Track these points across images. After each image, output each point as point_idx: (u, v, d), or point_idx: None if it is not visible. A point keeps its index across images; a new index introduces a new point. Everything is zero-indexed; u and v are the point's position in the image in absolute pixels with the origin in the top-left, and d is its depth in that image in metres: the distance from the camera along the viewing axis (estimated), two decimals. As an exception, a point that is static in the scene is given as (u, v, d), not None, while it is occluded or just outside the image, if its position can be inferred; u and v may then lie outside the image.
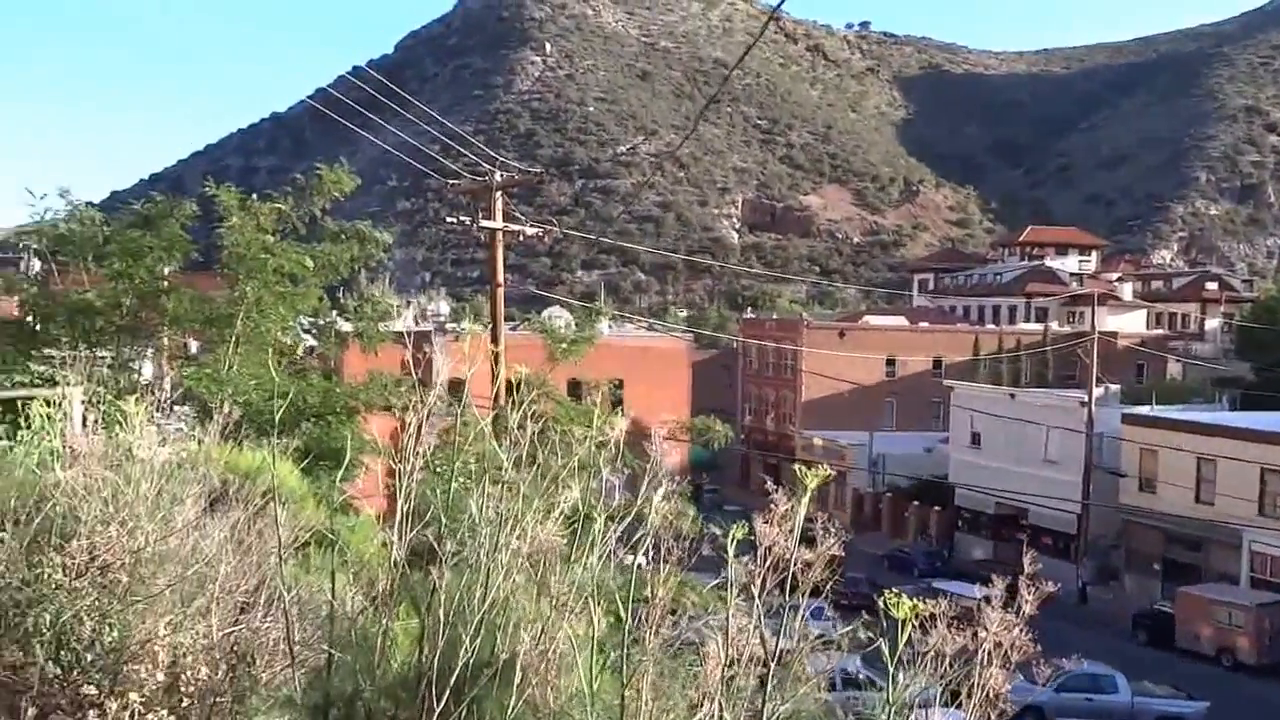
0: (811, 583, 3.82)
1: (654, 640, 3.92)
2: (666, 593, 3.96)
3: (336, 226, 17.42)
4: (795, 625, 3.96)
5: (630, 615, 4.12)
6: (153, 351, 16.63)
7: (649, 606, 4.09)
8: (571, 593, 4.45)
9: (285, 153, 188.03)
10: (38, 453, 9.13)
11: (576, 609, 4.43)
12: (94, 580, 6.43)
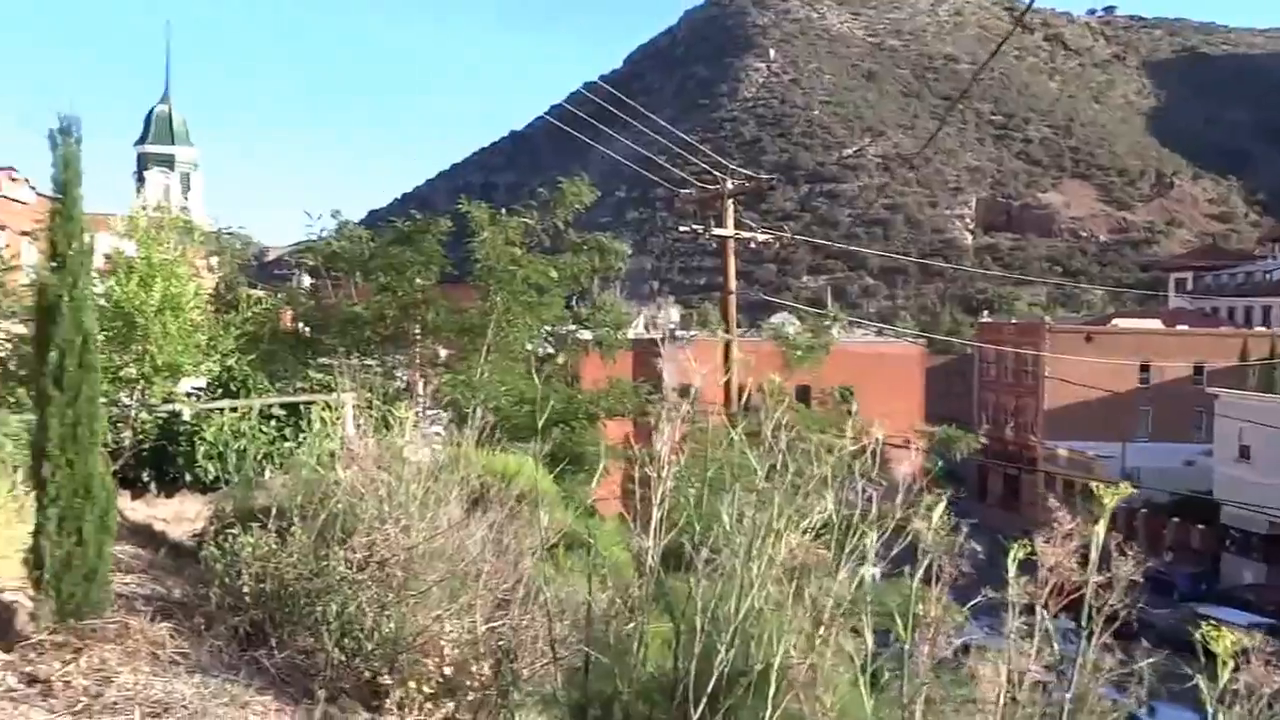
0: (1105, 608, 3.55)
1: (927, 659, 3.77)
2: (940, 611, 3.80)
3: (578, 238, 18.04)
4: (1086, 652, 3.70)
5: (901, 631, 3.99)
6: (405, 359, 17.79)
7: (920, 623, 3.94)
8: (832, 605, 4.36)
9: (522, 168, 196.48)
10: (318, 453, 9.93)
11: (837, 622, 4.34)
12: (373, 574, 6.90)
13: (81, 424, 4.99)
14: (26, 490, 7.32)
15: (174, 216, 14.04)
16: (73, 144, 4.90)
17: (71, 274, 4.86)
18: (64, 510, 5.01)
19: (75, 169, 4.90)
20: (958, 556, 5.12)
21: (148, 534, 9.27)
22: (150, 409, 10.96)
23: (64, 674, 5.01)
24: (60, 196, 4.94)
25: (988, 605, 4.70)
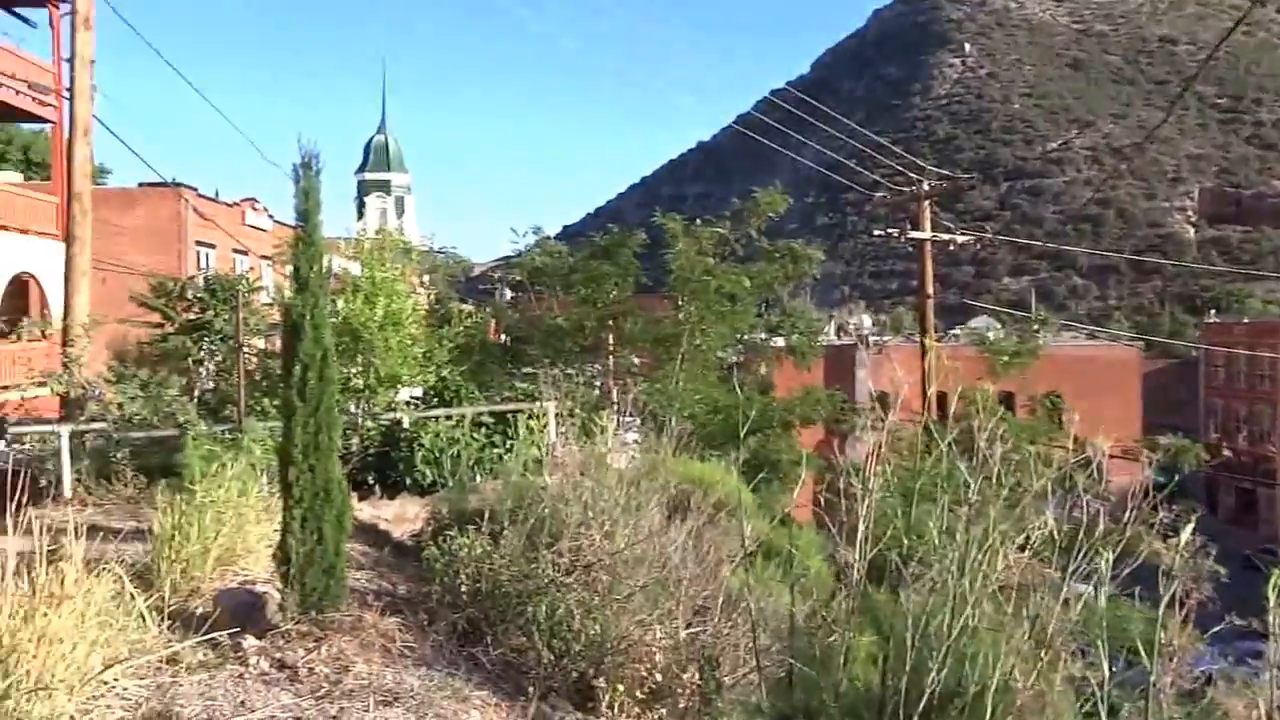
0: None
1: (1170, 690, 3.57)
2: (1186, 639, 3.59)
3: (771, 246, 18.04)
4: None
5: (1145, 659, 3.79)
6: (601, 368, 18.28)
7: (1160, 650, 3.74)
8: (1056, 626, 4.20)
9: (710, 179, 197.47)
10: (524, 459, 10.35)
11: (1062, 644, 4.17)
12: (579, 578, 7.14)
13: (322, 432, 5.43)
14: (271, 491, 8.02)
15: (394, 239, 14.98)
16: (313, 176, 5.35)
17: (313, 295, 5.31)
18: (307, 511, 5.45)
19: (315, 199, 5.34)
20: (1201, 579, 4.82)
21: (373, 533, 9.91)
22: (374, 417, 11.73)
23: (308, 661, 5.46)
24: (302, 224, 5.39)
25: (1226, 632, 4.41)
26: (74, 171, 13.09)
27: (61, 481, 10.84)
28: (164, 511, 7.26)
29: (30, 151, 48.03)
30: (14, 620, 4.19)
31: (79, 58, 13.10)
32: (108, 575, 5.10)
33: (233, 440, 10.20)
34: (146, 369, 13.99)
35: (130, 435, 11.52)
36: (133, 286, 18.53)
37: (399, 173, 80.00)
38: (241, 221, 37.60)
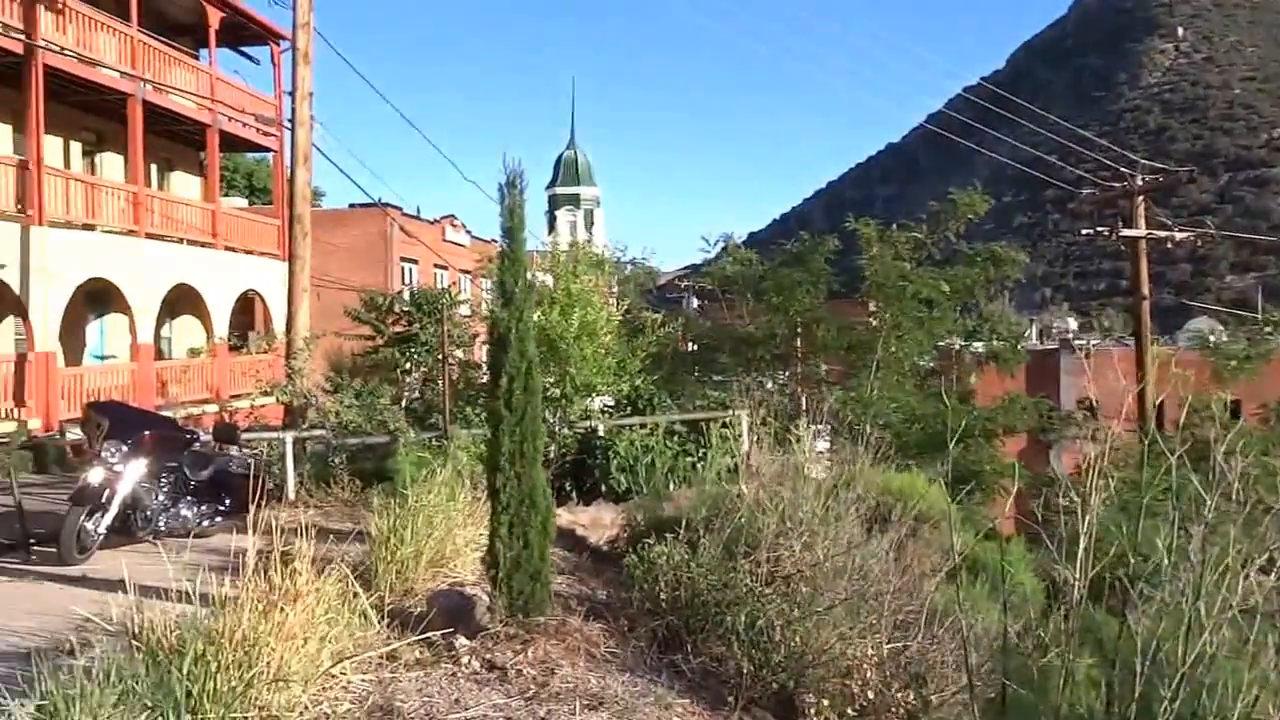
0: None
1: None
2: None
3: (970, 249, 17.42)
4: None
5: None
6: (789, 376, 18.11)
7: None
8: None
9: (899, 180, 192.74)
10: (718, 468, 10.36)
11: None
12: (778, 589, 7.07)
13: (527, 441, 5.60)
14: (476, 497, 8.34)
15: (587, 251, 15.36)
16: (517, 195, 5.54)
17: (518, 309, 5.49)
18: (513, 517, 5.63)
19: (520, 217, 5.53)
20: None
21: (570, 538, 10.14)
22: (570, 425, 12.04)
23: (516, 662, 5.62)
24: (508, 241, 5.59)
25: None
26: (296, 196, 14.08)
27: (286, 484, 11.63)
28: (379, 515, 7.67)
29: (254, 178, 52.05)
30: (255, 615, 4.51)
31: (299, 91, 14.09)
32: (334, 574, 5.41)
33: (439, 447, 10.67)
34: (359, 379, 14.90)
35: (346, 441, 12.26)
36: (345, 301, 19.82)
37: (588, 186, 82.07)
38: (442, 238, 39.43)
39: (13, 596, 7.60)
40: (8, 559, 8.99)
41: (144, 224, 22.44)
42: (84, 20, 20.85)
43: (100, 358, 24.17)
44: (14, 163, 19.15)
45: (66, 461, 16.77)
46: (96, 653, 4.32)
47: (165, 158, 26.92)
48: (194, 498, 9.89)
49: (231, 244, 26.18)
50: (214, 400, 23.03)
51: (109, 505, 8.95)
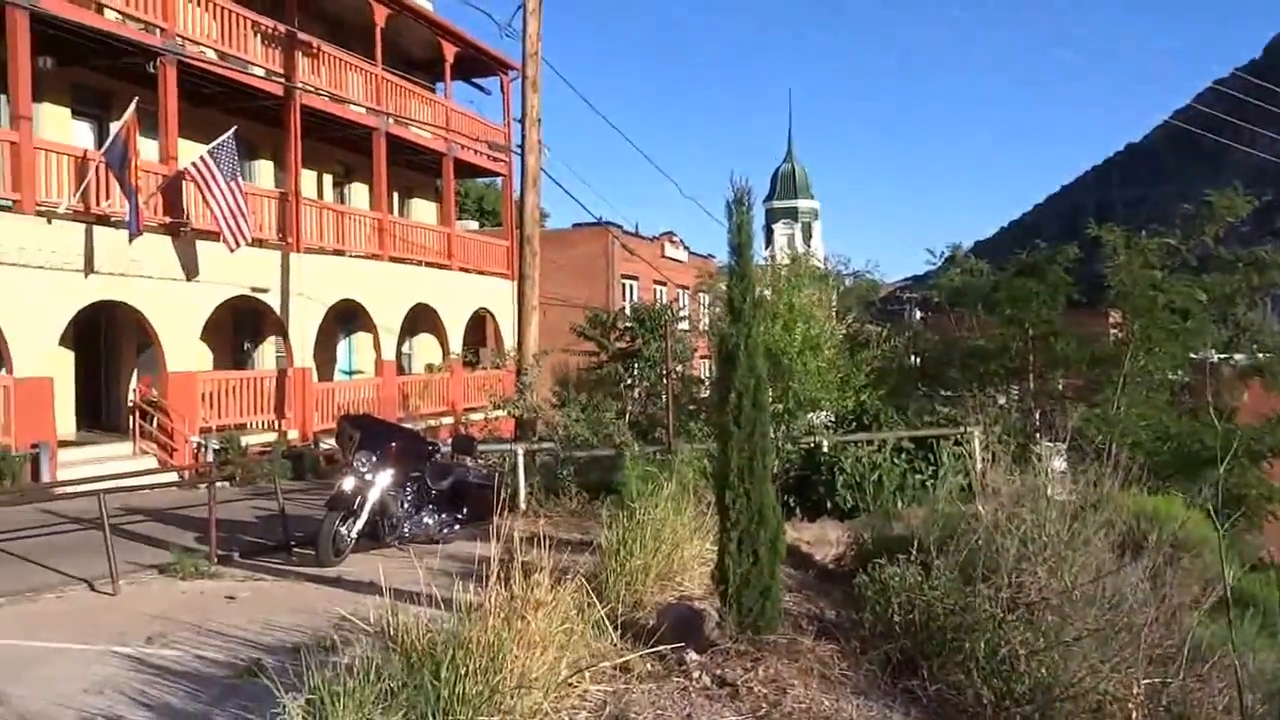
0: None
1: None
2: None
3: (1230, 254, 16.01)
4: None
5: None
6: (1019, 391, 17.18)
7: None
8: None
9: (1140, 183, 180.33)
10: (950, 487, 9.95)
11: None
12: (1021, 616, 6.68)
13: (756, 458, 5.56)
14: (702, 511, 8.37)
15: (809, 265, 15.18)
16: (745, 213, 5.54)
17: (746, 325, 5.48)
18: (743, 534, 5.60)
19: (748, 234, 5.52)
20: None
21: (795, 555, 9.99)
22: (794, 440, 11.90)
23: (746, 680, 5.57)
24: (736, 258, 5.60)
25: None
26: (525, 219, 14.68)
27: (517, 495, 12.08)
28: (608, 527, 7.82)
29: (483, 201, 54.80)
30: (498, 622, 4.68)
31: (529, 118, 14.70)
32: (569, 585, 5.55)
33: (663, 461, 10.79)
34: (584, 393, 15.33)
35: (574, 454, 12.61)
36: (569, 318, 20.48)
37: (806, 199, 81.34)
38: (661, 254, 40.10)
39: (277, 594, 8.26)
40: (272, 559, 9.80)
41: (387, 248, 24.05)
42: (335, 62, 22.62)
43: (348, 373, 26.07)
44: (275, 195, 20.98)
45: (320, 469, 18.15)
46: (357, 652, 4.60)
47: (405, 186, 28.78)
48: (435, 506, 10.44)
49: (465, 265, 27.64)
50: (450, 413, 24.37)
51: (360, 512, 9.57)
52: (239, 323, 21.65)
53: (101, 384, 19.20)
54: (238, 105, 20.38)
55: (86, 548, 9.28)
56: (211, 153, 17.11)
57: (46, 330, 15.49)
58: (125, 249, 16.34)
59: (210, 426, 18.21)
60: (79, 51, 17.18)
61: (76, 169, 16.06)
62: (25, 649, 6.44)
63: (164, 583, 8.66)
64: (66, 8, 16.14)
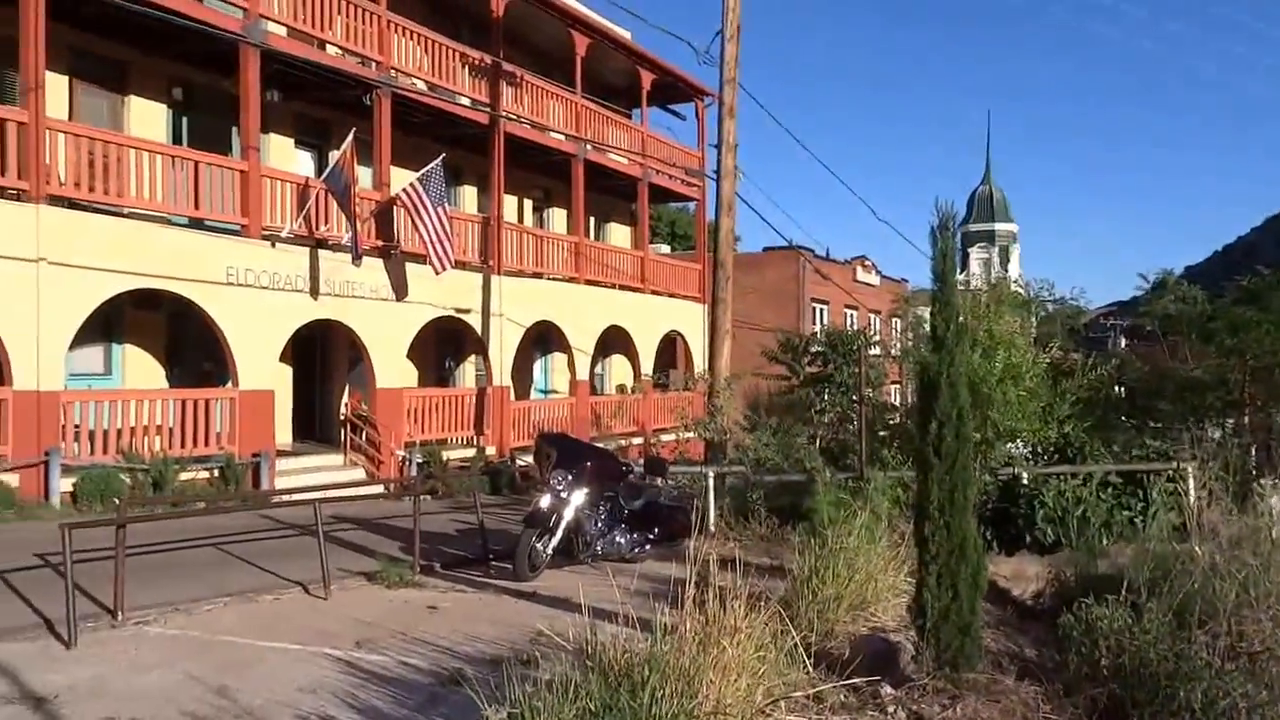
0: None
1: None
2: None
3: None
4: None
5: None
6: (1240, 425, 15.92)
7: None
8: None
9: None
10: (1162, 524, 9.33)
11: None
12: (1242, 666, 6.20)
13: (957, 489, 5.41)
14: (895, 542, 8.18)
15: (1010, 291, 14.60)
16: (949, 238, 5.42)
17: (949, 353, 5.34)
18: (942, 567, 5.45)
19: (952, 260, 5.40)
20: None
21: (992, 590, 9.60)
22: (992, 471, 11.46)
23: (944, 717, 5.41)
24: (939, 284, 5.47)
25: None
26: (720, 243, 14.79)
27: (707, 517, 12.12)
28: (800, 554, 7.75)
29: (675, 226, 55.56)
30: (694, 647, 4.71)
31: (725, 143, 14.83)
32: (762, 611, 5.53)
33: (855, 488, 10.61)
34: (774, 417, 15.25)
35: (764, 478, 12.56)
36: (759, 341, 20.45)
37: (1003, 222, 78.22)
38: (853, 278, 39.52)
39: (477, 606, 8.60)
40: (471, 571, 10.20)
41: (583, 271, 24.75)
42: (537, 91, 23.54)
43: (544, 392, 26.93)
44: (479, 220, 21.98)
45: (516, 485, 18.78)
46: (556, 669, 4.73)
47: (601, 210, 29.56)
48: (627, 526, 10.61)
49: (657, 288, 28.09)
50: (640, 433, 24.77)
51: (555, 529, 9.84)
52: (442, 341, 22.75)
53: (316, 398, 20.58)
54: (445, 133, 21.51)
55: (300, 552, 9.93)
56: (421, 179, 18.11)
57: (269, 347, 16.75)
58: (341, 270, 17.50)
59: (414, 440, 19.19)
60: (302, 85, 18.55)
61: (298, 195, 17.33)
62: (247, 647, 6.93)
63: (371, 590, 9.15)
64: (293, 45, 17.48)
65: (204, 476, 15.21)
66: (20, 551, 9.55)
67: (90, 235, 14.08)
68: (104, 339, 16.38)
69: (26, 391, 13.29)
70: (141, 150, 15.10)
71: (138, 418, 14.81)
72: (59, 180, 13.83)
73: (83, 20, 15.08)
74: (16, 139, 13.26)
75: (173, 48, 16.61)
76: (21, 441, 13.20)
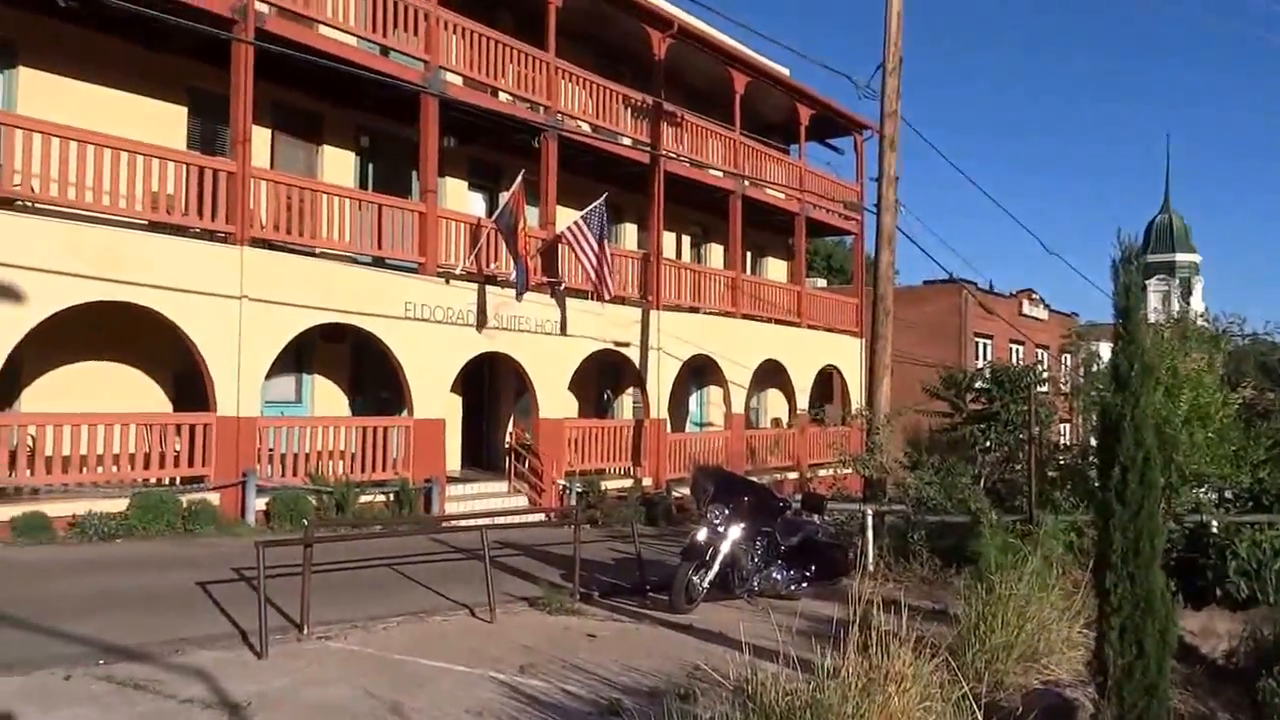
0: None
1: None
2: None
3: None
4: None
5: None
6: None
7: None
8: None
9: None
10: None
11: None
12: None
13: (1142, 539, 5.14)
14: (1069, 590, 7.81)
15: (1196, 326, 13.80)
16: (1133, 272, 5.19)
17: (1133, 394, 5.10)
18: (1125, 621, 5.17)
19: (1136, 295, 5.17)
20: None
21: (1179, 646, 9.04)
22: (1177, 518, 10.81)
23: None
24: (1122, 321, 5.24)
25: None
26: (879, 277, 14.57)
27: (865, 556, 11.88)
28: (965, 598, 7.51)
29: (831, 259, 54.98)
30: (857, 692, 4.63)
31: (885, 176, 14.64)
32: (926, 657, 5.38)
33: (1024, 532, 10.19)
34: (936, 455, 14.82)
35: (925, 518, 12.22)
36: (918, 376, 19.96)
37: (1185, 252, 73.75)
38: (1018, 312, 38.13)
39: (634, 636, 8.68)
40: (628, 601, 10.30)
41: (740, 305, 24.78)
42: (696, 130, 23.83)
43: (699, 424, 26.99)
44: (638, 256, 22.33)
45: (671, 516, 18.86)
46: (715, 708, 4.72)
47: (758, 244, 29.56)
48: (784, 562, 10.52)
49: (813, 322, 27.83)
50: (795, 468, 24.48)
51: (712, 563, 9.84)
52: (602, 374, 23.15)
53: (483, 427, 21.26)
54: (607, 172, 22.01)
55: (467, 576, 10.25)
56: (584, 217, 18.59)
57: (441, 378, 17.44)
58: (508, 305, 18.10)
59: (574, 470, 19.56)
60: (475, 130, 19.41)
61: (470, 235, 18.06)
62: (418, 666, 7.21)
63: (533, 615, 9.36)
64: (469, 93, 18.31)
65: (380, 500, 15.92)
66: (220, 566, 10.24)
67: (286, 274, 15.08)
68: (296, 369, 17.45)
69: (228, 417, 14.26)
70: (332, 195, 16.11)
71: (324, 443, 15.68)
72: (260, 223, 14.88)
73: (283, 76, 16.23)
74: (226, 187, 14.37)
75: (361, 99, 17.67)
76: (223, 463, 14.16)
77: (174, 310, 13.78)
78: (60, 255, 12.64)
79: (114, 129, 13.75)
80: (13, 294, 12.14)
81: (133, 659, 6.90)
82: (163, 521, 12.86)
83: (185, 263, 13.89)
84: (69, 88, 14.71)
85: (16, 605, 8.29)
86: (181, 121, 16.19)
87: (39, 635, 7.43)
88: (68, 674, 6.51)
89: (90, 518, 12.50)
